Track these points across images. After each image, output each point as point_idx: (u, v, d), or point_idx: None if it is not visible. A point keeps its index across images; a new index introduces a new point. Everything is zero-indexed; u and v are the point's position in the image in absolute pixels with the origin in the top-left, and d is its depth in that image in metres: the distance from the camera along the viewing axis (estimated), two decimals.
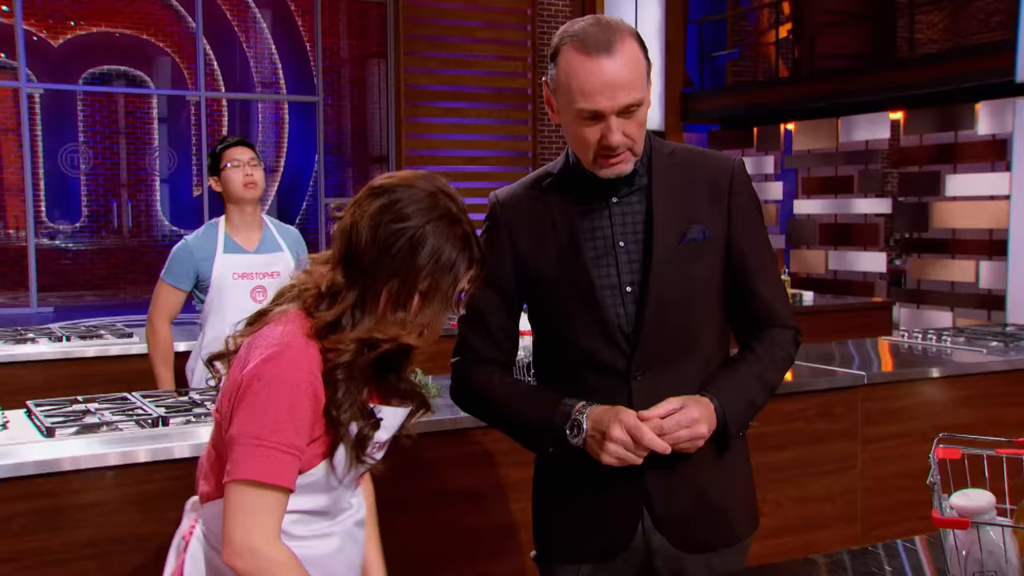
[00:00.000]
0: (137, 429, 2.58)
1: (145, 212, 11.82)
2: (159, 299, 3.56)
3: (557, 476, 1.93)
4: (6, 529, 2.30)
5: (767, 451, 3.21)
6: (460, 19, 10.81)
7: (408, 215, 1.52)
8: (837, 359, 3.79)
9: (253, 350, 1.53)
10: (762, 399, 1.87)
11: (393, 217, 1.52)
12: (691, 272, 1.83)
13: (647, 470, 1.79)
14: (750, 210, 1.90)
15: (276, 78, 11.93)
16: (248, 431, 1.47)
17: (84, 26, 11.26)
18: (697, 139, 11.56)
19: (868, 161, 9.71)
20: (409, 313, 1.53)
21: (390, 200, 1.53)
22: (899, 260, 9.72)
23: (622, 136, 1.74)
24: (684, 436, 1.71)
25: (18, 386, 3.87)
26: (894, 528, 3.45)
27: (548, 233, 1.86)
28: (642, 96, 1.73)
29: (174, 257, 3.53)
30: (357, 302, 1.53)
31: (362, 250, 1.52)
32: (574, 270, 1.82)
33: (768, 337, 1.90)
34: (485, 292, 1.87)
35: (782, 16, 11.67)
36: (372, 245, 1.51)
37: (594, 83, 1.70)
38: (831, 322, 6.03)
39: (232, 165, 3.51)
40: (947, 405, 3.69)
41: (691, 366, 1.84)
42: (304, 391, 1.50)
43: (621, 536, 1.85)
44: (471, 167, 10.79)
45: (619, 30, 1.73)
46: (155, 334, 3.55)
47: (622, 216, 1.84)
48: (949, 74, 8.58)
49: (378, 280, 1.52)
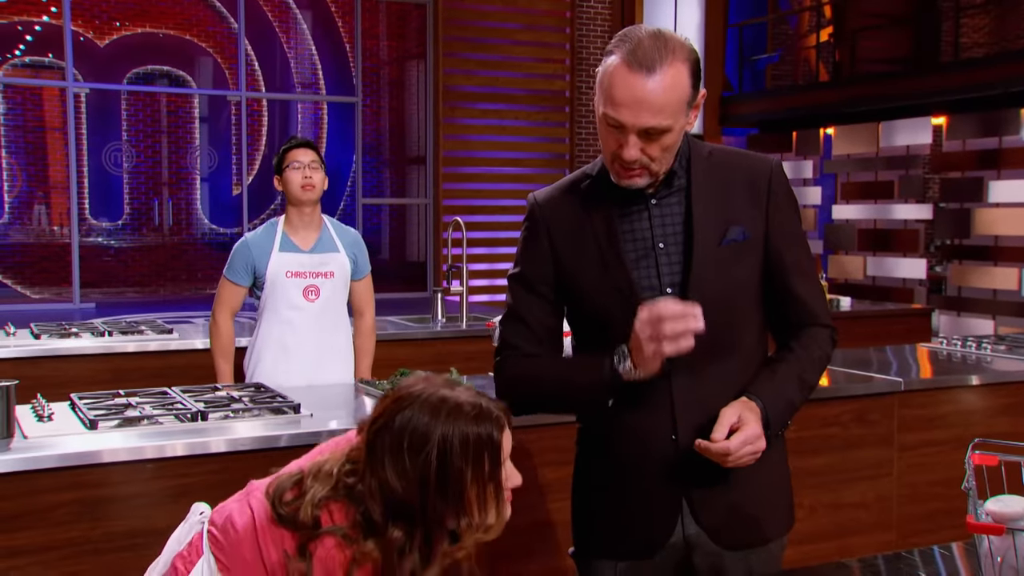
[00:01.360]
0: (177, 423, 2.63)
1: (185, 211, 11.95)
2: (221, 294, 3.64)
3: (597, 472, 1.93)
4: (49, 518, 2.34)
5: (802, 456, 3.19)
6: (499, 21, 10.82)
7: (427, 436, 1.48)
8: (875, 365, 3.76)
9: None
10: (800, 399, 1.87)
11: (414, 448, 1.48)
12: (731, 273, 1.83)
13: (684, 466, 1.81)
14: (788, 210, 1.90)
15: (316, 79, 12.02)
16: None
17: (129, 27, 11.42)
18: (736, 143, 11.49)
19: (909, 166, 9.61)
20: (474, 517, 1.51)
21: (399, 433, 1.49)
22: (939, 267, 9.60)
23: (638, 153, 1.74)
24: (748, 452, 1.72)
25: (62, 379, 3.96)
26: (930, 537, 3.43)
27: (587, 235, 1.86)
28: (670, 123, 1.72)
29: (235, 253, 3.61)
30: (423, 543, 1.49)
31: (403, 497, 1.48)
32: (614, 271, 1.83)
33: (806, 336, 1.90)
34: (525, 294, 1.90)
35: (823, 19, 11.57)
36: (410, 487, 1.47)
37: (624, 96, 1.71)
38: (869, 328, 6.00)
39: (293, 167, 3.58)
40: (986, 413, 3.64)
41: (731, 366, 1.84)
42: None
43: (660, 532, 1.86)
44: (508, 169, 10.80)
45: (672, 52, 1.72)
46: (216, 328, 3.62)
47: (661, 218, 1.85)
48: (994, 79, 8.46)
49: (436, 510, 1.48)
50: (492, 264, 10.38)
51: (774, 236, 1.87)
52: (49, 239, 11.20)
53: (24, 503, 2.32)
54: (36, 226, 11.26)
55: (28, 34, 11.08)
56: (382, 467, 1.47)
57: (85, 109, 11.05)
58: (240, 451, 2.53)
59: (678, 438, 1.82)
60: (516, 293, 1.93)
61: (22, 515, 2.32)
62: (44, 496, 2.33)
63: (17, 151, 11.11)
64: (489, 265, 10.34)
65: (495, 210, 10.61)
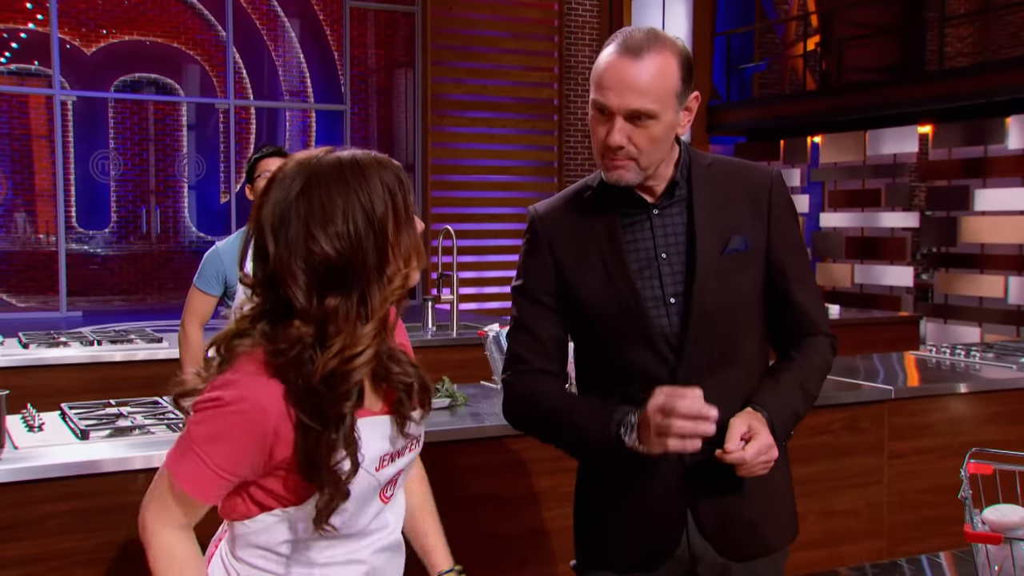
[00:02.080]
0: (168, 433, 2.62)
1: (173, 218, 11.91)
2: (190, 304, 3.61)
3: (600, 484, 1.92)
4: (41, 529, 2.33)
5: (793, 464, 3.14)
6: (487, 29, 10.83)
7: (335, 214, 1.41)
8: (863, 373, 3.77)
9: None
10: (803, 408, 1.88)
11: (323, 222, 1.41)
12: (733, 282, 1.83)
13: (690, 478, 1.80)
14: (789, 220, 1.91)
15: (304, 87, 12.01)
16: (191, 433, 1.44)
17: (116, 34, 11.39)
18: (723, 151, 11.53)
19: (896, 174, 9.65)
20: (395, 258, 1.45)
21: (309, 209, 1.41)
22: (926, 274, 9.65)
23: (624, 139, 1.73)
24: (762, 461, 1.71)
25: (49, 388, 3.94)
26: (920, 544, 3.44)
27: (590, 246, 1.85)
28: (656, 108, 1.73)
29: (205, 263, 3.58)
30: (360, 303, 1.43)
31: (335, 263, 1.41)
32: (617, 282, 1.82)
33: (807, 346, 1.90)
34: (530, 307, 1.89)
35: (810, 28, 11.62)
36: (340, 257, 1.41)
37: (610, 78, 1.73)
38: (857, 336, 5.97)
39: (264, 176, 3.55)
40: (975, 421, 3.65)
41: (734, 376, 1.84)
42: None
43: (665, 545, 1.85)
44: (497, 177, 10.80)
45: (663, 43, 1.75)
46: (186, 338, 3.60)
47: (663, 227, 1.85)
48: (979, 87, 8.52)
49: (364, 274, 1.43)
50: (481, 272, 10.38)
51: (776, 246, 1.88)
52: (35, 247, 11.14)
53: (15, 514, 2.31)
54: (22, 234, 11.20)
55: (14, 41, 11.03)
56: (311, 239, 1.39)
57: (72, 117, 11.01)
58: None
59: None
60: (521, 305, 1.93)
61: (13, 526, 2.31)
62: (36, 507, 2.32)
63: (3, 159, 11.05)
64: (478, 273, 10.33)
65: (483, 218, 10.60)
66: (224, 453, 1.42)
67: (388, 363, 1.51)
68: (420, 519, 1.75)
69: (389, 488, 1.58)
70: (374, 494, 1.54)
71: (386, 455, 1.53)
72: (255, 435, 1.41)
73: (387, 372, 1.51)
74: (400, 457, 1.57)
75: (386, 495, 1.58)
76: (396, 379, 1.52)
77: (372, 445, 1.49)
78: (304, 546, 1.52)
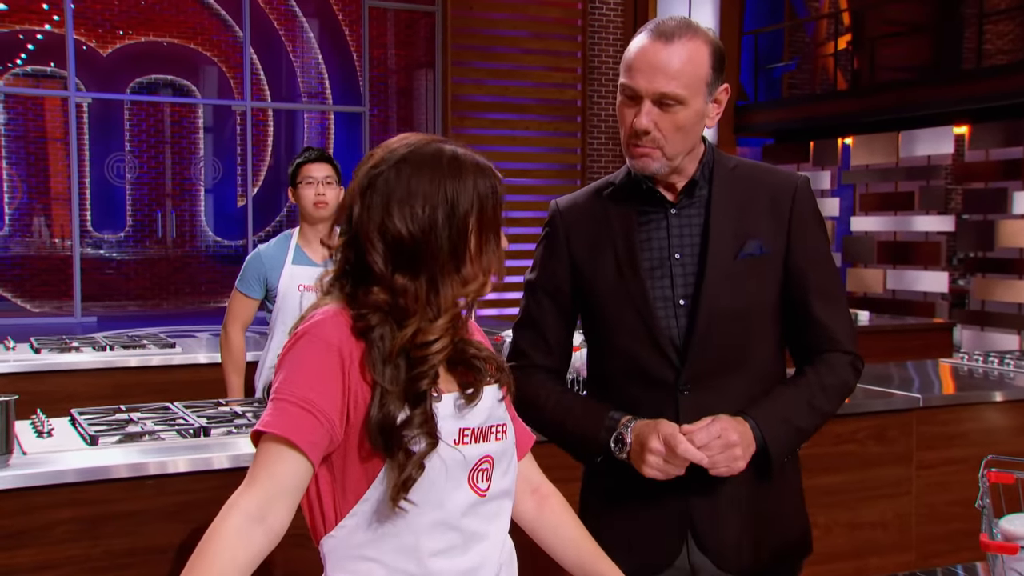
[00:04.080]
0: (179, 439, 2.63)
1: (189, 222, 11.78)
2: (232, 307, 3.61)
3: (602, 494, 1.93)
4: (48, 536, 2.34)
5: (817, 474, 3.15)
6: (509, 29, 10.68)
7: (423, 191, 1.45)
8: (894, 381, 3.72)
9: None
10: (810, 425, 1.85)
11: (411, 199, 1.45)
12: (745, 287, 1.82)
13: (692, 490, 1.80)
14: (812, 228, 1.88)
15: (322, 88, 11.86)
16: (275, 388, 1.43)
17: (132, 35, 11.28)
18: (751, 153, 11.35)
19: (930, 177, 9.47)
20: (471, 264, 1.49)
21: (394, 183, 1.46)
22: (962, 280, 9.44)
23: (650, 123, 1.74)
24: (716, 448, 1.69)
25: (62, 394, 3.97)
26: (950, 557, 3.37)
27: (606, 242, 1.88)
28: (685, 93, 1.73)
29: (247, 265, 3.57)
30: (430, 290, 1.45)
31: (409, 242, 1.44)
32: (629, 280, 1.84)
33: (821, 362, 1.87)
34: (541, 301, 1.93)
35: (841, 27, 11.45)
36: (411, 238, 1.44)
37: (639, 62, 1.75)
38: (888, 343, 5.92)
39: (306, 182, 3.51)
40: (1008, 431, 3.59)
41: (741, 382, 1.83)
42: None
43: (665, 556, 1.85)
44: (519, 180, 10.61)
45: (695, 31, 1.76)
46: (228, 341, 3.59)
47: (679, 227, 1.85)
48: (1019, 86, 8.30)
49: (435, 263, 1.46)
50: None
51: (796, 254, 1.85)
52: (50, 251, 11.04)
53: (23, 520, 2.32)
54: (37, 238, 11.13)
55: (29, 43, 10.95)
56: (388, 214, 1.44)
57: (87, 119, 10.92)
58: (243, 467, 2.47)
59: None
60: (531, 299, 1.96)
61: (21, 533, 2.32)
62: (44, 513, 2.33)
63: (18, 162, 10.97)
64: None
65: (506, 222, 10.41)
66: (303, 382, 1.39)
67: (463, 347, 1.52)
68: (585, 545, 1.69)
69: (482, 480, 1.49)
70: (462, 473, 1.46)
71: (467, 429, 1.48)
72: (330, 355, 1.40)
73: (463, 355, 1.51)
74: (485, 441, 1.50)
75: (478, 485, 1.48)
76: (472, 359, 1.51)
77: (448, 421, 1.46)
78: (396, 541, 1.44)
